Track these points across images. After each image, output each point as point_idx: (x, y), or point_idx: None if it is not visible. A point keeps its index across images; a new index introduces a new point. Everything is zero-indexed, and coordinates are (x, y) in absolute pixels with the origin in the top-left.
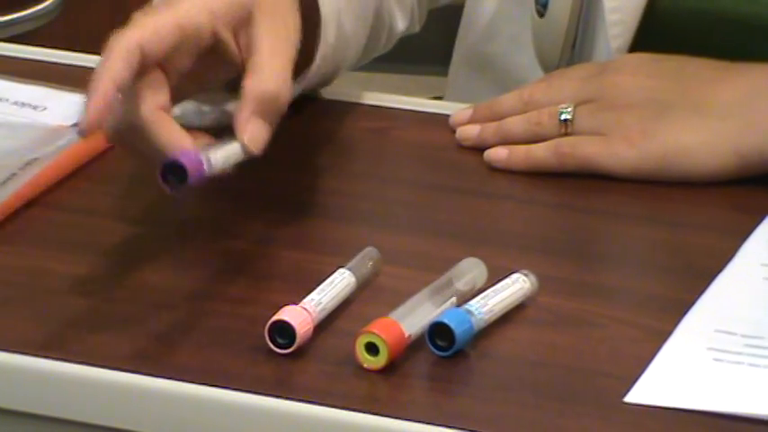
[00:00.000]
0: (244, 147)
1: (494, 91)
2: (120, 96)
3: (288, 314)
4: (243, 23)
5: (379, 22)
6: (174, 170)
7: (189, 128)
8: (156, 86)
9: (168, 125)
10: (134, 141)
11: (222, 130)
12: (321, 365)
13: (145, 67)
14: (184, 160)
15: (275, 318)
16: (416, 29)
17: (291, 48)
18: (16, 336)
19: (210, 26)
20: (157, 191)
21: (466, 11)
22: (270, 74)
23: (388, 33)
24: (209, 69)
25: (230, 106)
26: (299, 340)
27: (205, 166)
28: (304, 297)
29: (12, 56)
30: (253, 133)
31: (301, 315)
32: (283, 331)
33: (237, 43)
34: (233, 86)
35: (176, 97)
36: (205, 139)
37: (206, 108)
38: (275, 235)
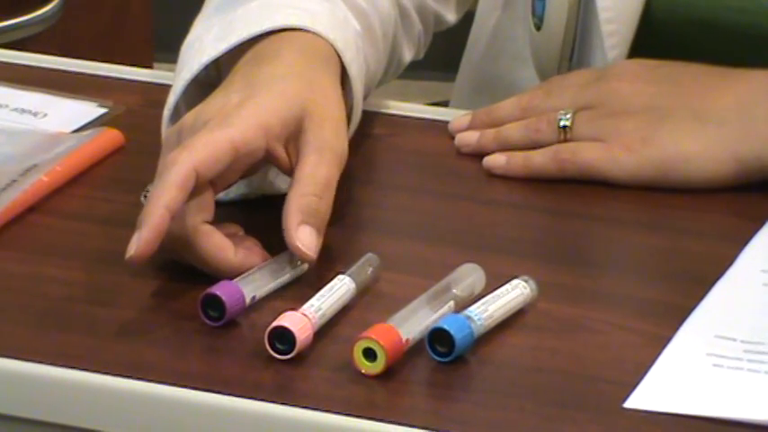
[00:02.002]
0: (298, 254)
1: None
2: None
3: (288, 320)
4: (294, 135)
5: (392, 56)
6: (213, 305)
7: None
8: (203, 202)
9: (212, 240)
10: (176, 248)
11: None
12: (321, 371)
13: (196, 187)
14: (225, 297)
15: (275, 324)
16: (420, 56)
17: (337, 153)
18: (15, 342)
19: (264, 144)
20: None
21: (473, 30)
22: (313, 185)
23: (396, 66)
24: (254, 169)
25: (255, 179)
26: (298, 346)
27: (246, 302)
28: (304, 303)
29: (12, 62)
30: (304, 240)
31: (301, 321)
32: (283, 337)
33: (287, 151)
34: None
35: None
36: (232, 228)
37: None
38: (276, 241)
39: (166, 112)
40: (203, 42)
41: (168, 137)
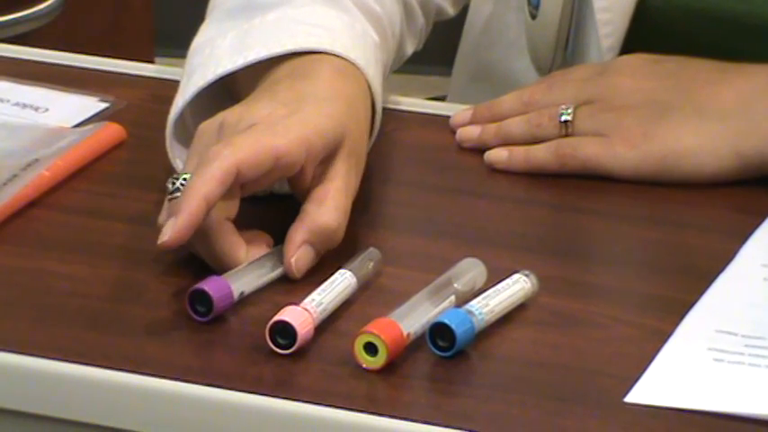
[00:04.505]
0: (287, 270)
1: (495, 97)
2: None
3: (289, 314)
4: (327, 158)
5: (398, 52)
6: (201, 299)
7: None
8: (230, 200)
9: (230, 237)
10: (193, 239)
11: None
12: (322, 366)
13: (231, 185)
14: (213, 293)
15: (276, 318)
16: (420, 47)
17: (356, 186)
18: (17, 336)
19: (303, 161)
20: (158, 192)
21: (468, 19)
22: (335, 210)
23: (399, 60)
24: (272, 183)
25: None
26: (299, 341)
27: (234, 297)
28: (305, 297)
29: (13, 57)
30: (300, 259)
31: (302, 315)
32: (284, 332)
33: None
34: None
35: None
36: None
37: None
38: (276, 236)
39: (173, 115)
40: (218, 50)
41: (206, 130)
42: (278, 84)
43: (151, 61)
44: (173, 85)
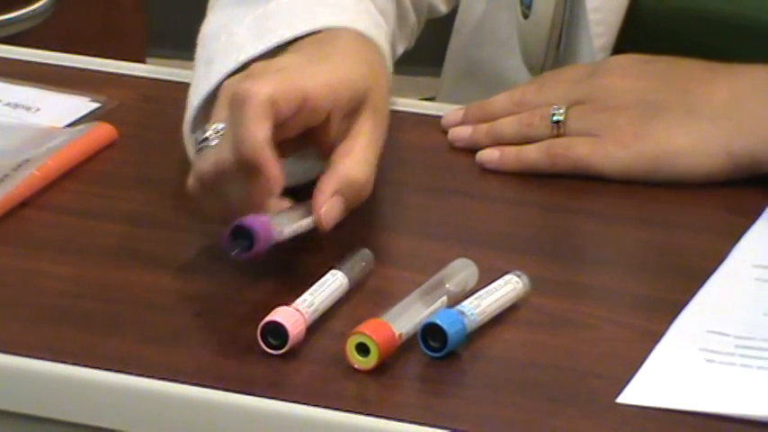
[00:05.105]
0: (316, 221)
1: (484, 95)
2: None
3: (280, 315)
4: (353, 111)
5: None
6: (242, 235)
7: None
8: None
9: (273, 160)
10: (222, 179)
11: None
12: (313, 366)
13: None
14: (256, 228)
15: (268, 319)
16: (411, 46)
17: (382, 142)
18: (8, 336)
19: (329, 108)
20: (149, 192)
21: (458, 17)
22: (364, 163)
23: (391, 59)
24: (299, 130)
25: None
26: (291, 341)
27: (274, 238)
28: (296, 298)
29: (5, 57)
30: (329, 211)
31: (294, 316)
32: (276, 332)
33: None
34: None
35: None
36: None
37: None
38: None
39: (196, 102)
40: (236, 36)
41: (232, 81)
42: (300, 48)
43: (143, 61)
44: (165, 85)
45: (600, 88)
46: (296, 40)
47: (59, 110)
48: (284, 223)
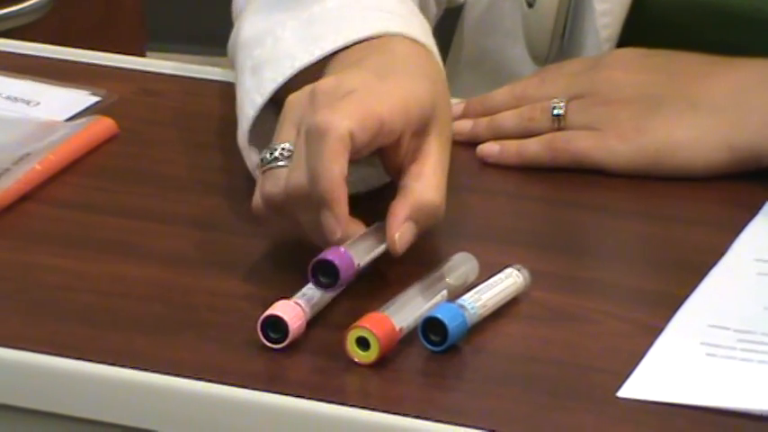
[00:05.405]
0: (390, 246)
1: (489, 85)
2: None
3: (280, 309)
4: (421, 130)
5: None
6: (325, 270)
7: None
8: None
9: (345, 201)
10: (293, 204)
11: None
12: (314, 360)
13: None
14: (338, 262)
15: (268, 312)
16: None
17: (448, 165)
18: (9, 331)
19: (401, 130)
20: (149, 186)
21: (465, 7)
22: (436, 186)
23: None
24: (369, 151)
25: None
26: (291, 335)
27: (355, 268)
28: (296, 292)
29: (5, 51)
30: (402, 236)
31: (294, 310)
32: (276, 326)
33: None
34: None
35: None
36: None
37: None
38: (269, 230)
39: (252, 112)
40: (283, 42)
41: (296, 100)
42: (362, 61)
43: (143, 55)
44: (164, 79)
45: (601, 82)
46: (347, 46)
47: (59, 104)
48: (361, 255)
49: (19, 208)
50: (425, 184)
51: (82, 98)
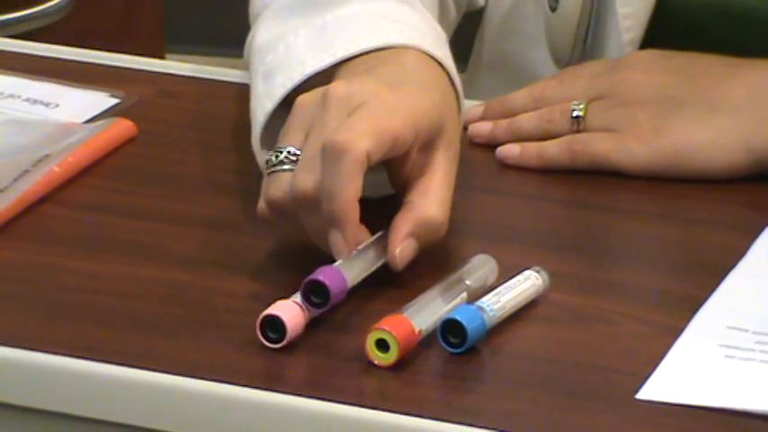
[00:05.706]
0: (390, 260)
1: (509, 88)
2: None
3: (279, 309)
4: (429, 144)
5: None
6: (316, 290)
7: None
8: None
9: (357, 222)
10: (297, 208)
11: None
12: (333, 362)
13: None
14: (329, 283)
15: (266, 312)
16: (448, 40)
17: (454, 179)
18: (28, 333)
19: (410, 144)
20: (168, 188)
21: (486, 9)
22: (439, 204)
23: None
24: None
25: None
26: (289, 335)
27: (347, 288)
28: (297, 291)
29: (24, 53)
30: (404, 252)
31: (293, 310)
32: (274, 326)
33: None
34: None
35: None
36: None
37: None
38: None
39: (262, 117)
40: (295, 48)
41: (306, 102)
42: (372, 69)
43: (162, 57)
44: (183, 81)
45: (620, 83)
46: (358, 55)
47: (78, 105)
48: (357, 273)
49: (38, 210)
50: (430, 200)
51: (101, 100)
